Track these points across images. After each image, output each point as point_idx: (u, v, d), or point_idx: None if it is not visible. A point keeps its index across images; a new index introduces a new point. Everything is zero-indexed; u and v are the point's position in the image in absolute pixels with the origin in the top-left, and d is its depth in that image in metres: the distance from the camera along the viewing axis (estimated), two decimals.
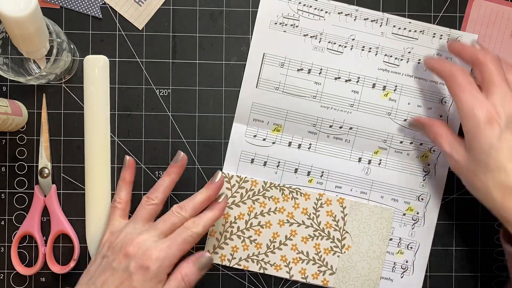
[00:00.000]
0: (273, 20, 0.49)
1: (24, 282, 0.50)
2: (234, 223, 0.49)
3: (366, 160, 0.50)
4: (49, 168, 0.49)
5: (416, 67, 0.50)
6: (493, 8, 0.51)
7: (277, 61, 0.49)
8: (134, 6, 0.50)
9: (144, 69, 0.50)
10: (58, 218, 0.49)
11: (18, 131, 0.50)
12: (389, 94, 0.50)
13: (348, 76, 0.50)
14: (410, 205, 0.50)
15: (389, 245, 0.50)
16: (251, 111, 0.49)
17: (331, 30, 0.49)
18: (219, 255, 0.49)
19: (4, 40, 0.46)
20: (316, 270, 0.49)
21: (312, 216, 0.50)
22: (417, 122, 0.49)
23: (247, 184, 0.50)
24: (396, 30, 0.49)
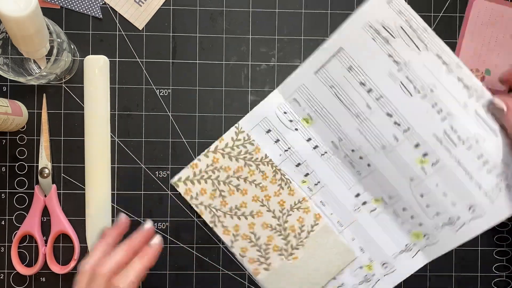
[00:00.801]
0: (370, 22, 0.45)
1: (24, 282, 0.50)
2: (217, 170, 0.49)
3: (363, 200, 0.49)
4: (49, 168, 0.49)
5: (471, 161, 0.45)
6: (493, 8, 0.51)
7: (348, 62, 0.46)
8: (134, 6, 0.50)
9: (144, 69, 0.50)
10: (58, 218, 0.49)
11: (18, 131, 0.50)
12: (425, 163, 0.46)
13: (400, 120, 0.46)
14: (372, 263, 0.49)
15: (329, 284, 0.49)
16: (296, 90, 0.47)
17: (418, 66, 0.45)
18: (187, 187, 0.48)
19: (4, 40, 0.46)
20: (256, 256, 0.49)
21: (285, 212, 0.49)
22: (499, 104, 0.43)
23: (250, 146, 0.49)
24: (482, 111, 0.45)
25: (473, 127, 0.45)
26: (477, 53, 0.51)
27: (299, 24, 0.51)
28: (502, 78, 0.45)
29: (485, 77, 0.51)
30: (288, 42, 0.51)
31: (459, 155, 0.46)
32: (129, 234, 0.44)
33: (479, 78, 0.51)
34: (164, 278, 0.50)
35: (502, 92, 0.51)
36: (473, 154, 0.45)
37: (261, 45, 0.51)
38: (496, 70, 0.51)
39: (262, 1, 0.50)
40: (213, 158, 0.48)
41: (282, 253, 0.49)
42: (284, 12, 0.51)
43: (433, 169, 0.46)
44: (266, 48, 0.51)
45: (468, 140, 0.45)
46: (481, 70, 0.51)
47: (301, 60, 0.51)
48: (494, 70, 0.51)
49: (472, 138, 0.45)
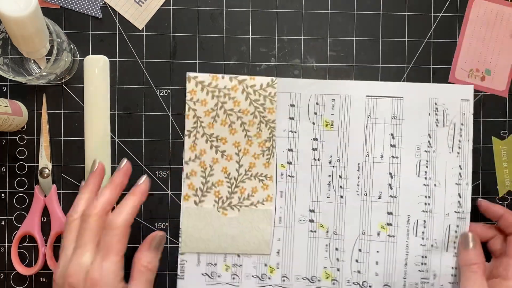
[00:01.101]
0: (437, 99, 0.49)
1: (24, 282, 0.50)
2: (229, 97, 0.48)
3: (312, 218, 0.49)
4: (49, 168, 0.49)
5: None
6: (493, 8, 0.51)
7: (396, 111, 0.49)
8: (134, 6, 0.50)
9: (144, 69, 0.50)
10: (58, 218, 0.49)
11: (18, 131, 0.50)
12: (383, 230, 0.49)
13: (395, 185, 0.49)
14: (275, 269, 0.49)
15: (230, 257, 0.49)
16: (342, 96, 0.49)
17: (440, 163, 0.49)
18: (195, 88, 0.48)
19: (4, 40, 0.46)
20: (197, 186, 0.49)
21: (248, 173, 0.49)
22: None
23: (269, 103, 0.49)
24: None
25: (440, 235, 0.49)
26: (477, 53, 0.51)
27: (299, 24, 0.51)
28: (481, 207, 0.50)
29: (485, 77, 0.51)
30: (288, 42, 0.51)
31: (412, 245, 0.49)
32: None
33: (479, 78, 0.51)
34: (164, 278, 0.50)
35: (501, 92, 0.51)
36: (420, 254, 0.49)
37: (261, 45, 0.51)
38: (496, 70, 0.51)
39: (262, 1, 0.50)
40: (233, 86, 0.49)
41: (218, 202, 0.49)
42: (284, 12, 0.51)
43: (385, 238, 0.49)
44: (266, 48, 0.51)
45: (427, 241, 0.49)
46: (481, 70, 0.51)
47: (301, 60, 0.51)
48: (494, 70, 0.51)
49: (432, 241, 0.49)
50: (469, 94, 0.50)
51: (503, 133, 0.51)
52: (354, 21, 0.51)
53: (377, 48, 0.51)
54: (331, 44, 0.51)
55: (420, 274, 0.49)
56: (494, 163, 0.51)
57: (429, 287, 0.49)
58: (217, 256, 0.50)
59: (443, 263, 0.49)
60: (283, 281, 0.50)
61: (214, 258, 0.50)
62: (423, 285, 0.49)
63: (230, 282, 0.49)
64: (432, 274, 0.49)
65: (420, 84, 0.50)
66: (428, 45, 0.51)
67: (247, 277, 0.49)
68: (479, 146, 0.51)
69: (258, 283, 0.50)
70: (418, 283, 0.49)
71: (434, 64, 0.51)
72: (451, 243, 0.49)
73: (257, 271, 0.50)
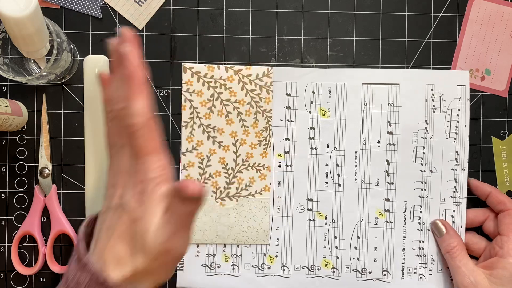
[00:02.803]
0: (434, 85, 0.50)
1: (24, 282, 0.50)
2: (225, 87, 0.49)
3: (310, 207, 0.50)
4: (49, 168, 0.49)
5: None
6: (493, 8, 0.51)
7: (393, 97, 0.49)
8: (134, 6, 0.50)
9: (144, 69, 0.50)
10: (58, 218, 0.49)
11: (18, 131, 0.50)
12: (381, 217, 0.50)
13: (392, 173, 0.50)
14: (274, 258, 0.50)
15: (229, 247, 0.49)
16: (338, 82, 0.50)
17: (436, 148, 0.50)
18: (190, 79, 0.48)
19: (4, 40, 0.46)
20: (194, 177, 0.49)
21: (246, 164, 0.49)
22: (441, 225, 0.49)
23: (265, 93, 0.49)
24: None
25: (435, 215, 0.50)
26: (477, 53, 0.51)
27: (299, 24, 0.51)
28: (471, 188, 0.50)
29: (485, 77, 0.51)
30: (288, 42, 0.51)
31: (409, 231, 0.50)
32: None
33: (479, 78, 0.51)
34: None
35: (501, 92, 0.51)
36: (418, 238, 0.50)
37: (261, 45, 0.51)
38: (496, 70, 0.51)
39: (262, 1, 0.50)
40: (229, 76, 0.49)
41: (215, 192, 0.50)
42: (284, 12, 0.51)
43: (383, 224, 0.50)
44: (266, 48, 0.51)
45: (424, 225, 0.50)
46: (481, 70, 0.51)
47: (301, 60, 0.51)
48: (494, 70, 0.51)
49: (428, 226, 0.50)
50: (465, 79, 0.50)
51: (503, 133, 0.51)
52: (354, 21, 0.51)
53: (377, 48, 0.51)
54: (331, 44, 0.51)
55: (418, 259, 0.50)
56: (494, 163, 0.51)
57: (427, 272, 0.49)
58: (216, 246, 0.50)
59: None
60: (283, 270, 0.50)
61: (214, 248, 0.50)
62: (422, 270, 0.50)
63: (230, 273, 0.50)
64: (430, 259, 0.50)
65: (417, 70, 0.50)
66: (428, 45, 0.51)
67: (247, 267, 0.50)
68: (479, 146, 0.51)
69: (257, 273, 0.50)
70: (417, 268, 0.50)
71: (434, 64, 0.51)
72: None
73: (257, 261, 0.50)
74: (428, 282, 0.49)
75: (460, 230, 0.49)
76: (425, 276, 0.50)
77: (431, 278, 0.49)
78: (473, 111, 0.51)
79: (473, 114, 0.51)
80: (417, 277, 0.50)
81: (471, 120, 0.51)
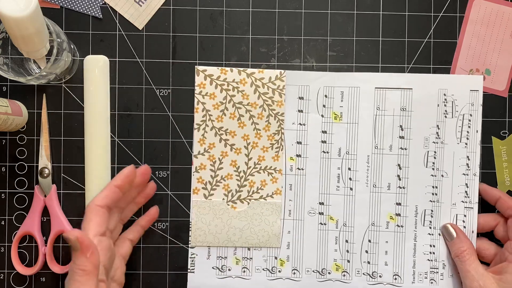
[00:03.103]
0: (447, 91, 0.50)
1: (24, 282, 0.50)
2: (237, 90, 0.49)
3: (321, 211, 0.50)
4: (49, 168, 0.49)
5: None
6: (493, 8, 0.51)
7: (406, 103, 0.49)
8: (134, 6, 0.50)
9: (144, 69, 0.50)
10: (58, 218, 0.49)
11: (18, 131, 0.50)
12: (392, 220, 0.50)
13: (403, 177, 0.50)
14: (285, 261, 0.50)
15: (240, 250, 0.50)
16: (352, 87, 0.49)
17: (447, 154, 0.50)
18: (203, 81, 0.49)
19: (4, 40, 0.46)
20: (206, 180, 0.49)
21: (257, 167, 0.49)
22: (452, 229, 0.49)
23: (277, 96, 0.49)
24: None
25: (446, 220, 0.50)
26: (477, 53, 0.51)
27: (299, 24, 0.51)
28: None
29: (485, 77, 0.51)
30: (288, 42, 0.51)
31: (420, 235, 0.50)
32: None
33: None
34: (164, 278, 0.50)
35: (501, 92, 0.51)
36: (428, 243, 0.50)
37: (261, 45, 0.51)
38: (496, 70, 0.51)
39: (262, 1, 0.50)
40: (242, 79, 0.49)
41: (227, 195, 0.50)
42: (284, 12, 0.51)
43: (394, 228, 0.50)
44: (266, 48, 0.51)
45: (435, 230, 0.49)
46: (481, 70, 0.51)
47: (301, 60, 0.51)
48: (494, 70, 0.51)
49: (439, 231, 0.50)
50: (479, 84, 0.50)
51: (503, 133, 0.51)
52: (354, 21, 0.51)
53: (377, 48, 0.51)
54: (331, 44, 0.51)
55: (429, 263, 0.49)
56: (494, 163, 0.51)
57: (438, 277, 0.49)
58: (227, 249, 0.50)
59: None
60: (294, 274, 0.50)
61: (224, 251, 0.50)
62: (433, 275, 0.49)
63: (241, 275, 0.50)
64: (442, 264, 0.49)
65: (429, 75, 0.50)
66: (428, 45, 0.51)
67: (257, 270, 0.50)
68: (479, 146, 0.51)
69: (268, 276, 0.50)
70: (428, 273, 0.49)
71: (434, 64, 0.51)
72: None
73: (267, 264, 0.50)
74: (439, 287, 0.49)
75: (472, 235, 0.49)
76: (436, 281, 0.49)
77: (442, 283, 0.49)
78: None
79: None
80: (428, 282, 0.49)
81: None
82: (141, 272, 0.50)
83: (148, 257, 0.50)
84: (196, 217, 0.49)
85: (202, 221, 0.49)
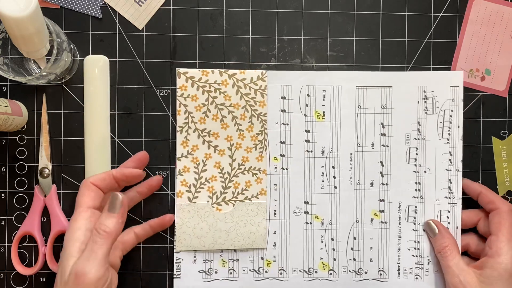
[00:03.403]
0: (426, 87, 0.50)
1: (24, 282, 0.50)
2: (219, 91, 0.49)
3: (307, 210, 0.50)
4: (49, 168, 0.49)
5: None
6: (493, 8, 0.51)
7: (386, 100, 0.50)
8: (134, 6, 0.50)
9: (144, 69, 0.50)
10: (58, 218, 0.49)
11: (18, 131, 0.50)
12: (376, 217, 0.50)
13: (386, 173, 0.50)
14: (271, 262, 0.50)
15: (226, 252, 0.50)
16: (334, 85, 0.50)
17: (429, 150, 0.50)
18: (185, 84, 0.48)
19: (4, 40, 0.46)
20: (190, 182, 0.49)
21: (242, 168, 0.49)
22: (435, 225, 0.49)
23: (259, 96, 0.49)
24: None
25: (430, 216, 0.50)
26: (477, 53, 0.51)
27: (299, 24, 0.51)
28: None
29: (485, 77, 0.51)
30: (288, 42, 0.51)
31: (404, 231, 0.50)
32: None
33: (479, 78, 0.51)
34: (164, 278, 0.50)
35: (501, 92, 0.51)
36: (413, 239, 0.50)
37: (261, 45, 0.51)
38: (496, 70, 0.51)
39: (262, 1, 0.50)
40: (224, 81, 0.49)
41: (212, 197, 0.49)
42: (284, 12, 0.51)
43: (379, 225, 0.50)
44: (266, 48, 0.51)
45: (419, 226, 0.50)
46: (481, 70, 0.51)
47: (301, 60, 0.51)
48: (494, 70, 0.51)
49: (423, 228, 0.50)
50: (459, 80, 0.50)
51: (503, 133, 0.51)
52: (354, 21, 0.51)
53: (377, 48, 0.51)
54: (331, 44, 0.51)
55: (414, 259, 0.50)
56: (494, 163, 0.51)
57: (423, 273, 0.50)
58: (213, 252, 0.50)
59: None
60: (280, 274, 0.50)
61: (211, 254, 0.50)
62: (418, 270, 0.50)
63: (228, 277, 0.50)
64: (427, 260, 0.50)
65: (409, 72, 0.50)
66: (428, 45, 0.51)
67: (244, 271, 0.50)
68: (479, 146, 0.51)
69: (255, 277, 0.50)
70: (413, 268, 0.50)
71: (434, 64, 0.51)
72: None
73: (254, 265, 0.50)
74: (424, 282, 0.50)
75: (456, 231, 0.49)
76: (421, 277, 0.50)
77: (427, 279, 0.50)
78: (473, 111, 0.51)
79: (473, 114, 0.51)
80: (413, 277, 0.50)
81: (472, 120, 0.51)
82: (141, 272, 0.50)
83: (148, 257, 0.50)
84: (181, 221, 0.49)
85: (187, 225, 0.49)
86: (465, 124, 0.51)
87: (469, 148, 0.51)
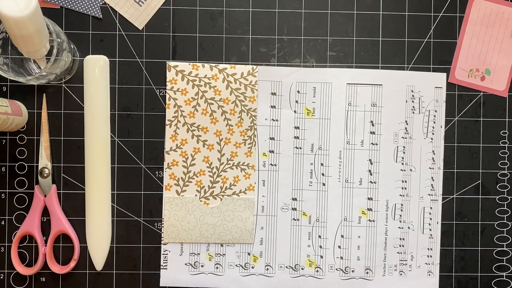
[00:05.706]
0: (414, 87, 0.50)
1: (24, 282, 0.50)
2: (210, 86, 0.49)
3: (295, 206, 0.50)
4: (49, 168, 0.49)
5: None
6: (493, 8, 0.51)
7: (376, 98, 0.50)
8: (134, 6, 0.50)
9: (144, 69, 0.50)
10: (58, 218, 0.49)
11: (18, 131, 0.50)
12: (364, 215, 0.50)
13: (374, 172, 0.50)
14: (258, 257, 0.50)
15: (213, 246, 0.50)
16: (324, 82, 0.50)
17: (415, 149, 0.50)
18: (175, 77, 0.49)
19: (4, 40, 0.46)
20: (178, 176, 0.49)
21: (230, 163, 0.50)
22: None
23: (250, 92, 0.49)
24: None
25: (415, 217, 0.50)
26: (477, 53, 0.51)
27: (299, 24, 0.51)
28: None
29: (485, 77, 0.51)
30: (288, 42, 0.51)
31: (390, 229, 0.50)
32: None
33: (479, 78, 0.51)
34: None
35: (501, 92, 0.51)
36: (398, 236, 0.50)
37: (261, 45, 0.51)
38: (496, 70, 0.51)
39: (262, 1, 0.50)
40: (214, 75, 0.49)
41: (200, 191, 0.50)
42: (284, 12, 0.51)
43: (366, 223, 0.50)
44: (266, 48, 0.51)
45: (404, 223, 0.50)
46: (481, 70, 0.51)
47: (301, 60, 0.51)
48: (494, 70, 0.51)
49: (408, 224, 0.50)
50: (442, 82, 0.50)
51: (503, 133, 0.51)
52: (354, 21, 0.51)
53: (377, 48, 0.51)
54: (331, 44, 0.51)
55: (398, 256, 0.50)
56: (494, 163, 0.51)
57: (407, 269, 0.50)
58: (200, 245, 0.50)
59: (419, 245, 0.50)
60: (267, 269, 0.50)
61: (197, 247, 0.50)
62: (402, 267, 0.50)
63: (214, 272, 0.50)
64: (410, 256, 0.50)
65: (399, 71, 0.50)
66: (428, 45, 0.51)
67: (231, 266, 0.50)
68: (479, 146, 0.51)
69: (241, 272, 0.50)
70: (397, 265, 0.50)
71: (434, 64, 0.51)
72: (426, 225, 0.50)
73: (241, 260, 0.50)
74: (408, 278, 0.50)
75: (437, 226, 0.50)
76: (405, 273, 0.50)
77: (410, 274, 0.50)
78: (473, 111, 0.51)
79: (473, 114, 0.51)
80: (397, 274, 0.50)
81: (472, 120, 0.51)
82: (141, 272, 0.50)
83: (148, 257, 0.50)
84: (169, 214, 0.49)
85: (174, 217, 0.49)
86: (465, 124, 0.51)
87: (469, 148, 0.51)
